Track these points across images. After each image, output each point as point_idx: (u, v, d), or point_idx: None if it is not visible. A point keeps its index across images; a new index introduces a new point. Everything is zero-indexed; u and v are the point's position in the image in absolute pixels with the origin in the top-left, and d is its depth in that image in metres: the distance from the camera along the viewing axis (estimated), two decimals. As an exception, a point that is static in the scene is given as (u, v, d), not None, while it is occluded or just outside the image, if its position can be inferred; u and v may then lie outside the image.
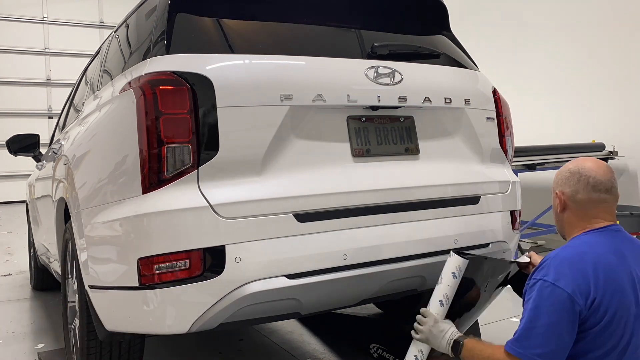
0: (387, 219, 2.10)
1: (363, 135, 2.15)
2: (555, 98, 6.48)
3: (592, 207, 1.82)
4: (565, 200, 1.86)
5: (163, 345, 3.15)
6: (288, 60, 2.06)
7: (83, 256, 2.16)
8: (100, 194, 2.07)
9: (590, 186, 1.81)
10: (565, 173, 1.88)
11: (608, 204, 1.83)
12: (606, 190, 1.82)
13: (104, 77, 2.69)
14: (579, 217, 1.84)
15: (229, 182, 1.86)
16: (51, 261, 3.46)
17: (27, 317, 3.90)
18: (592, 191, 1.81)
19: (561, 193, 1.86)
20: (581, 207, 1.83)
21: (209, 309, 1.82)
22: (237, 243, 1.82)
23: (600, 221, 1.82)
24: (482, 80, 2.56)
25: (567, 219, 1.87)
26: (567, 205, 1.85)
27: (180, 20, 1.99)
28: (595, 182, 1.81)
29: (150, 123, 1.79)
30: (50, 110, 11.46)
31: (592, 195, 1.81)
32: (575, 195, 1.83)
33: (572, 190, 1.84)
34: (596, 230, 1.80)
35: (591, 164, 1.85)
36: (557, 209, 1.90)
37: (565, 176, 1.87)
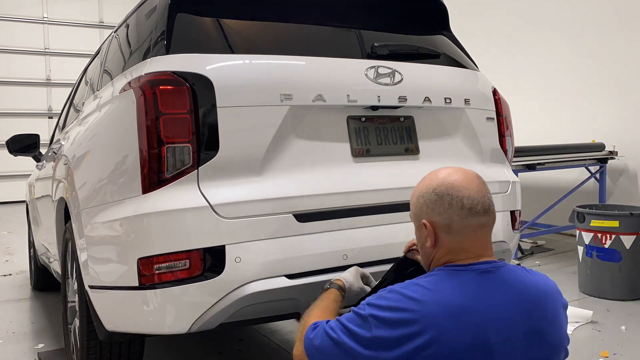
0: (387, 219, 2.10)
1: (363, 135, 2.15)
2: (555, 98, 6.48)
3: (470, 235, 1.43)
4: (436, 232, 1.44)
5: (163, 345, 3.15)
6: (288, 60, 2.06)
7: (83, 256, 2.16)
8: (100, 194, 2.07)
9: (467, 210, 1.41)
10: (430, 196, 1.45)
11: (487, 229, 1.46)
12: (484, 211, 1.43)
13: (104, 77, 2.69)
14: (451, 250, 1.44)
15: (229, 182, 1.86)
16: (51, 261, 3.46)
17: (27, 317, 3.90)
18: (470, 216, 1.41)
19: (429, 224, 1.44)
20: (457, 238, 1.42)
21: (209, 309, 1.82)
22: (237, 243, 1.82)
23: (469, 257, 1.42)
24: (482, 80, 2.57)
25: (440, 252, 1.46)
26: (439, 238, 1.44)
27: (180, 20, 2.00)
28: (471, 203, 1.41)
29: (150, 123, 1.79)
30: (50, 110, 11.46)
31: (470, 222, 1.41)
32: (450, 225, 1.42)
33: (444, 219, 1.42)
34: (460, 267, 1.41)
35: (458, 178, 1.46)
36: (425, 243, 1.48)
37: (431, 200, 1.44)
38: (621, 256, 3.87)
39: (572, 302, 3.82)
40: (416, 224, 1.54)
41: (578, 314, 3.50)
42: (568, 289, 4.20)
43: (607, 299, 3.90)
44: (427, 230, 1.46)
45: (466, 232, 1.43)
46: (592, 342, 3.16)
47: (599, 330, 3.33)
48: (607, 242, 3.90)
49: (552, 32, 6.51)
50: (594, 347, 3.09)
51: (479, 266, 1.41)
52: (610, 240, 3.88)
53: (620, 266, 3.88)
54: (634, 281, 3.91)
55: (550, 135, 6.09)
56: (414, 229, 1.56)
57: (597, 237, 3.94)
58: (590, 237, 3.99)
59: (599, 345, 3.09)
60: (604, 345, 3.10)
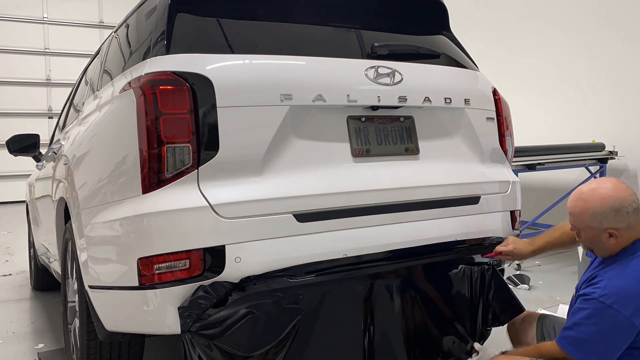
0: (387, 219, 2.10)
1: (363, 135, 2.15)
2: (555, 98, 6.47)
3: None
4: (620, 232, 1.87)
5: (163, 345, 3.15)
6: (288, 60, 2.06)
7: (83, 256, 2.16)
8: (100, 194, 2.07)
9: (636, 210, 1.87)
10: (609, 212, 1.87)
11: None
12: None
13: (104, 77, 2.69)
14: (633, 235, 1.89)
15: (229, 182, 1.86)
16: (51, 261, 3.46)
17: (27, 317, 3.90)
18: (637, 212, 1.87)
19: (615, 231, 1.87)
20: (634, 229, 1.88)
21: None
22: (237, 243, 1.82)
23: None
24: (482, 80, 2.57)
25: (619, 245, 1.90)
26: (622, 236, 1.88)
27: (180, 20, 1.99)
28: (636, 204, 1.87)
29: (150, 123, 1.79)
30: (50, 110, 11.45)
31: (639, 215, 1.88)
32: (629, 226, 1.87)
33: (625, 224, 1.86)
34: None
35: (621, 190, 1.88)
36: (607, 242, 1.90)
37: (611, 215, 1.86)
38: (621, 256, 3.86)
39: (572, 302, 3.81)
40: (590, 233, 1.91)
41: (578, 314, 3.50)
42: (568, 289, 4.19)
43: (607, 299, 3.89)
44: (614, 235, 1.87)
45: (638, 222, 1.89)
46: (592, 342, 3.15)
47: (599, 330, 3.32)
48: (607, 242, 3.89)
49: (552, 32, 6.51)
50: (594, 347, 3.08)
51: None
52: (610, 240, 3.88)
53: (620, 266, 3.87)
54: (634, 281, 3.90)
55: (550, 135, 6.08)
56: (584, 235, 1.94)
57: (597, 237, 3.93)
58: (590, 237, 3.98)
59: (599, 345, 3.09)
60: (604, 345, 3.09)
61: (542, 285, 4.33)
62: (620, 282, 1.82)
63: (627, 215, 1.86)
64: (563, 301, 3.81)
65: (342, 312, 2.04)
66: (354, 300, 2.07)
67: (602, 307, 1.80)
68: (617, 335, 1.79)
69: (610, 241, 1.89)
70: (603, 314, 1.80)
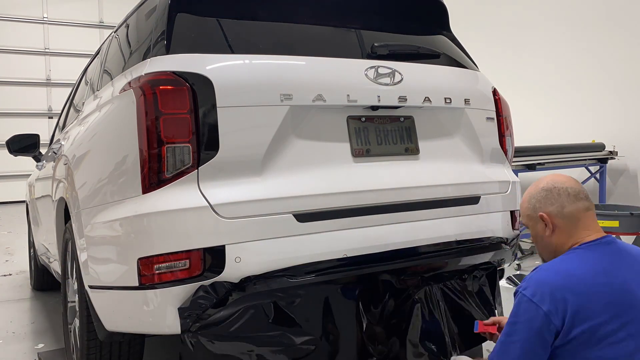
0: (387, 219, 2.10)
1: (363, 135, 2.15)
2: (555, 98, 6.48)
3: (582, 217, 1.72)
4: (552, 220, 1.73)
5: (163, 345, 3.15)
6: (288, 60, 2.06)
7: (83, 256, 2.16)
8: (101, 194, 2.07)
9: (572, 196, 1.72)
10: (540, 192, 1.76)
11: (592, 212, 1.75)
12: (586, 197, 1.74)
13: (104, 77, 2.69)
14: (570, 233, 1.72)
15: (229, 182, 1.86)
16: (51, 261, 3.46)
17: (27, 317, 3.90)
18: (576, 200, 1.72)
19: (546, 214, 1.73)
20: (571, 221, 1.72)
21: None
22: (237, 243, 1.82)
23: (591, 233, 1.71)
24: (482, 80, 2.57)
25: (557, 240, 1.74)
26: (556, 225, 1.73)
27: (180, 20, 1.99)
28: (574, 191, 1.73)
29: (150, 123, 1.79)
30: (50, 110, 11.45)
31: (578, 205, 1.72)
32: (562, 210, 1.72)
33: (556, 207, 1.72)
34: (588, 244, 1.70)
35: (560, 177, 1.78)
36: (544, 234, 1.76)
37: (542, 195, 1.75)
38: (621, 256, 3.86)
39: (572, 302, 3.81)
40: (531, 223, 1.79)
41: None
42: (568, 289, 4.19)
43: (607, 299, 3.89)
44: (545, 219, 1.73)
45: (577, 215, 1.72)
46: (592, 342, 3.15)
47: (599, 330, 3.32)
48: (607, 242, 3.89)
49: (552, 32, 6.51)
50: (594, 347, 3.08)
51: (599, 240, 1.69)
52: (610, 240, 3.88)
53: (620, 266, 3.87)
54: (634, 281, 3.91)
55: (550, 135, 6.09)
56: (530, 230, 1.81)
57: (597, 237, 3.93)
58: (590, 237, 3.98)
59: (599, 345, 3.09)
60: (604, 345, 3.09)
61: (542, 285, 4.32)
62: (544, 274, 1.65)
63: (558, 196, 1.71)
64: (563, 301, 3.81)
65: (343, 312, 2.04)
66: (354, 300, 2.07)
67: (522, 300, 1.62)
68: (535, 336, 1.57)
69: (545, 232, 1.74)
70: (521, 309, 1.61)
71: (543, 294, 1.58)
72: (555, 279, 1.61)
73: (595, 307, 1.56)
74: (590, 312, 1.55)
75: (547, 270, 1.66)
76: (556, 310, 1.56)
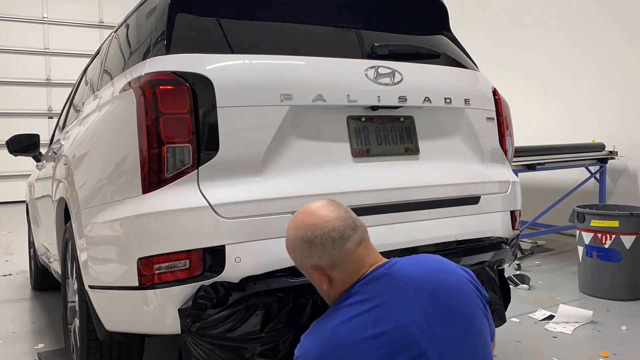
0: (387, 219, 2.10)
1: (363, 135, 2.15)
2: (555, 98, 6.48)
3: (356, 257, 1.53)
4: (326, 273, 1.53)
5: (163, 345, 3.15)
6: (288, 60, 2.06)
7: (83, 256, 2.16)
8: (101, 194, 2.07)
9: (339, 240, 1.50)
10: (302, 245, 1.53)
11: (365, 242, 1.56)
12: (353, 228, 1.53)
13: (104, 77, 2.69)
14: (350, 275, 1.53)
15: (229, 182, 1.86)
16: (51, 261, 3.46)
17: (27, 317, 3.90)
18: (344, 242, 1.50)
19: (315, 269, 1.54)
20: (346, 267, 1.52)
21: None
22: (237, 243, 1.82)
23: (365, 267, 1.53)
24: (482, 80, 2.57)
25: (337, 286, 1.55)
26: (332, 277, 1.54)
27: (180, 20, 1.99)
28: (338, 233, 1.51)
29: (150, 123, 1.79)
30: (50, 110, 11.46)
31: (348, 247, 1.51)
32: (334, 261, 1.51)
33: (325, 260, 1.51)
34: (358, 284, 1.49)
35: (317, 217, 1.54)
36: (322, 286, 1.58)
37: (305, 248, 1.53)
38: (621, 256, 3.87)
39: (572, 302, 3.82)
40: (306, 273, 1.62)
41: (578, 314, 3.50)
42: (568, 289, 4.20)
43: (607, 299, 3.90)
44: (318, 275, 1.55)
45: (350, 257, 1.52)
46: (592, 342, 3.16)
47: (599, 330, 3.33)
48: (607, 242, 3.90)
49: (552, 33, 6.51)
50: (594, 347, 3.09)
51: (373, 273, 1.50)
52: (610, 240, 3.89)
53: (620, 266, 3.88)
54: (634, 281, 3.91)
55: (550, 135, 6.09)
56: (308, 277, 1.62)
57: (597, 237, 3.94)
58: (590, 237, 3.99)
59: (599, 345, 3.09)
60: (604, 345, 3.10)
61: (542, 285, 4.33)
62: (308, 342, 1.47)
63: (323, 247, 1.49)
64: (563, 301, 3.82)
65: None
66: None
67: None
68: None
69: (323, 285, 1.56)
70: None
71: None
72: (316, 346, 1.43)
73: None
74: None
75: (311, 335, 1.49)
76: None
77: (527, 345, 3.10)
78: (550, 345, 3.13)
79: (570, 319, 3.47)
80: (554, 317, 3.54)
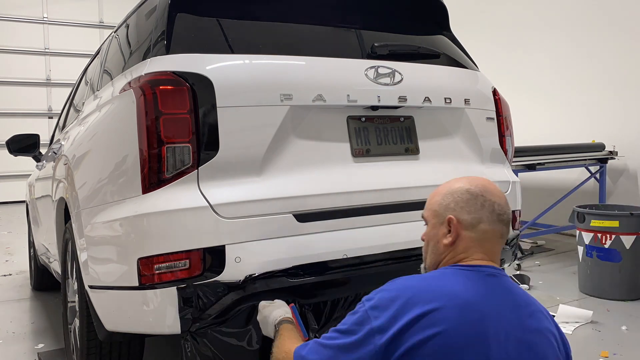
0: (387, 219, 2.10)
1: (363, 135, 2.15)
2: (555, 98, 6.48)
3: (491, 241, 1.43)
4: (459, 230, 1.42)
5: (163, 345, 3.15)
6: (288, 60, 2.06)
7: (83, 256, 2.16)
8: (101, 194, 2.07)
9: (496, 215, 1.42)
10: (462, 193, 1.44)
11: (504, 240, 1.47)
12: (507, 222, 1.45)
13: (104, 77, 2.69)
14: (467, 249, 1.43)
15: (229, 182, 1.86)
16: (51, 261, 3.46)
17: (27, 317, 3.90)
18: (498, 221, 1.43)
19: (456, 220, 1.42)
20: (479, 240, 1.42)
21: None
22: (237, 243, 1.82)
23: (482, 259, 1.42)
24: (482, 80, 2.57)
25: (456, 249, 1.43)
26: (460, 237, 1.42)
27: (180, 20, 2.00)
28: (500, 210, 1.43)
29: (150, 123, 1.79)
30: (50, 110, 11.45)
31: (496, 227, 1.43)
32: (477, 225, 1.41)
33: (472, 218, 1.41)
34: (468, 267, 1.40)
35: (492, 186, 1.46)
36: (441, 240, 1.45)
37: (463, 198, 1.43)
38: (621, 256, 3.87)
39: (572, 302, 3.82)
40: (433, 221, 1.48)
41: (578, 314, 3.50)
42: (568, 289, 4.20)
43: (607, 299, 3.90)
44: (452, 226, 1.43)
45: (489, 236, 1.42)
46: (592, 342, 3.16)
47: (599, 330, 3.33)
48: (607, 242, 3.90)
49: (552, 32, 6.51)
50: (594, 347, 3.09)
51: (486, 269, 1.40)
52: (610, 240, 3.89)
53: (620, 266, 3.88)
54: (634, 281, 3.91)
55: (550, 135, 6.09)
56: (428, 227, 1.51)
57: (597, 237, 3.94)
58: (590, 237, 3.99)
59: (599, 345, 3.10)
60: (604, 345, 3.10)
61: (542, 285, 4.33)
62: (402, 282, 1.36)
63: (481, 208, 1.41)
64: (563, 301, 3.82)
65: (343, 311, 2.04)
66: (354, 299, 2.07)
67: (359, 310, 1.35)
68: (359, 350, 1.28)
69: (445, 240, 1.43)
70: (354, 324, 1.32)
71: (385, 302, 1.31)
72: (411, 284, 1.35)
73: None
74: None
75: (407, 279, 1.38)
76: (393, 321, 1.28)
77: (527, 345, 3.10)
78: (550, 345, 3.12)
79: (570, 319, 3.47)
80: (554, 317, 3.53)
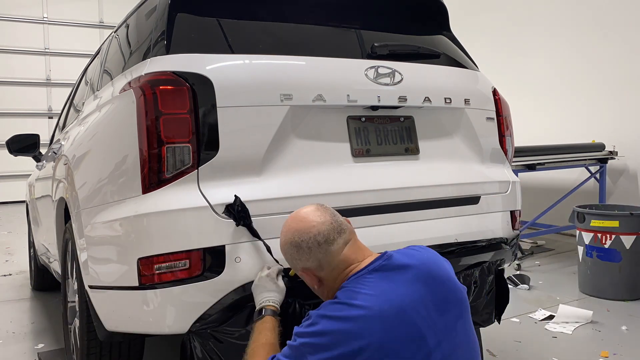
0: (387, 219, 2.10)
1: (363, 135, 2.15)
2: (555, 98, 6.48)
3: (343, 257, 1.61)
4: (316, 273, 1.63)
5: (163, 345, 3.15)
6: (288, 60, 2.06)
7: (83, 256, 2.16)
8: (101, 194, 2.07)
9: (324, 243, 1.59)
10: (290, 249, 1.63)
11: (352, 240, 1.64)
12: (339, 231, 1.62)
13: (104, 77, 2.69)
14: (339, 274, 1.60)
15: (229, 182, 1.86)
16: (51, 261, 3.46)
17: (27, 317, 3.90)
18: (330, 244, 1.59)
19: (304, 271, 1.64)
20: (334, 267, 1.60)
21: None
22: (237, 243, 1.82)
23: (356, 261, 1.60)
24: (482, 80, 2.57)
25: (329, 284, 1.63)
26: (323, 274, 1.62)
27: (180, 20, 1.99)
28: (323, 237, 1.60)
29: (150, 123, 1.79)
30: (50, 110, 11.45)
31: (334, 249, 1.60)
32: (320, 264, 1.60)
33: (313, 262, 1.61)
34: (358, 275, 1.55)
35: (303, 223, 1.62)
36: (314, 286, 1.68)
37: (294, 252, 1.63)
38: (621, 256, 3.87)
39: (572, 302, 3.82)
40: (299, 274, 1.71)
41: (578, 314, 3.50)
42: (568, 289, 4.20)
43: (607, 299, 3.91)
44: (309, 276, 1.65)
45: (335, 258, 1.60)
46: (592, 342, 3.16)
47: (599, 330, 3.33)
48: (607, 242, 3.90)
49: (552, 32, 6.51)
50: (594, 347, 3.09)
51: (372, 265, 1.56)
52: (610, 240, 3.89)
53: (620, 266, 3.88)
54: (634, 281, 3.91)
55: (550, 135, 6.09)
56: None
57: (597, 237, 3.94)
58: (590, 237, 3.99)
59: (599, 345, 3.10)
60: (604, 345, 3.10)
61: (542, 285, 4.34)
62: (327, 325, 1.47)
63: (309, 251, 1.59)
64: (563, 301, 3.82)
65: None
66: None
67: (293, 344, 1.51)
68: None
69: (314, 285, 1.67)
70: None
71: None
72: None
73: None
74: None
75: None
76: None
77: (527, 346, 3.10)
78: (550, 345, 3.13)
79: (570, 319, 3.47)
80: (554, 317, 3.54)
